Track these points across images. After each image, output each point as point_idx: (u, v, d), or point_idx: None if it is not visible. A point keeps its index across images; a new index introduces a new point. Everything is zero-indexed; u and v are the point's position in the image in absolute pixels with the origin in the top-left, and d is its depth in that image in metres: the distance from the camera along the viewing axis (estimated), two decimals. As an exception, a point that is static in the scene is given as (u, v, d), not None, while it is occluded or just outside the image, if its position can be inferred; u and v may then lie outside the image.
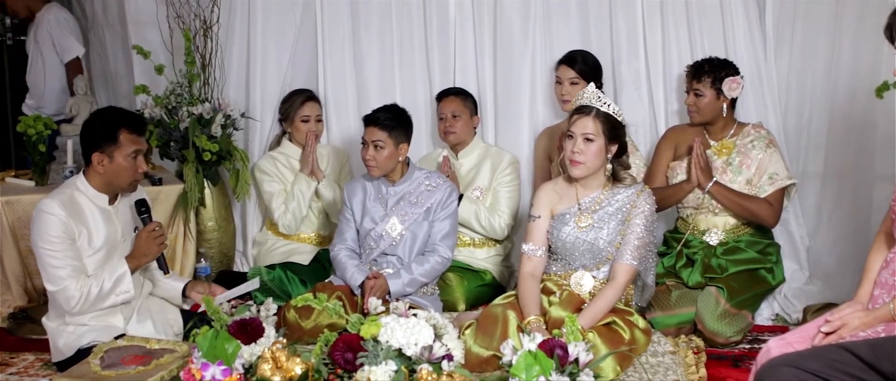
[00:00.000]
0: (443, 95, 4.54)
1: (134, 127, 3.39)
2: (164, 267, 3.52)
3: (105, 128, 3.37)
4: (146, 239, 3.43)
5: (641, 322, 3.55)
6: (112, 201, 3.47)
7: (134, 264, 3.42)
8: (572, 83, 4.27)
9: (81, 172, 3.47)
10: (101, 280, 3.34)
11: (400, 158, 3.97)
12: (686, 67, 4.17)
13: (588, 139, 3.46)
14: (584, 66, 4.28)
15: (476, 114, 4.58)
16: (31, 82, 5.65)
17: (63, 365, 3.39)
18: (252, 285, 3.68)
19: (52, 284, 3.33)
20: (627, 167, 3.61)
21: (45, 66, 5.55)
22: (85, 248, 3.36)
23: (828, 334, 2.61)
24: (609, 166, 3.53)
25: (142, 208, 3.48)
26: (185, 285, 3.66)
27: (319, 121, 4.66)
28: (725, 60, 4.10)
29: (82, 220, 3.37)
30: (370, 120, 3.93)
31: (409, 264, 3.96)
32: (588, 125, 3.45)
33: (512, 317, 3.45)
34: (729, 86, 4.02)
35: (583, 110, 3.48)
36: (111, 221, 3.44)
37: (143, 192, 3.61)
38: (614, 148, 3.50)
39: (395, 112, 3.97)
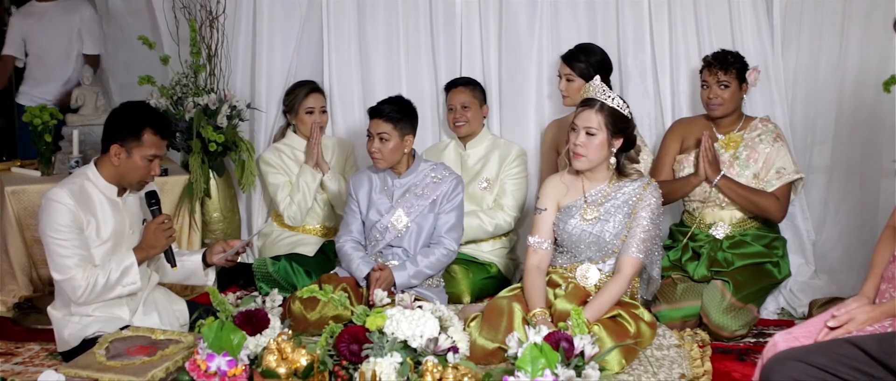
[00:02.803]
0: (451, 86, 4.53)
1: (160, 130, 3.37)
2: (171, 260, 3.50)
3: (132, 122, 3.35)
4: (155, 231, 3.41)
5: (647, 316, 3.55)
6: (121, 193, 3.46)
7: (141, 255, 3.41)
8: (568, 80, 4.26)
9: (93, 162, 3.45)
10: (108, 271, 3.33)
11: (405, 150, 3.96)
12: (705, 59, 4.12)
13: (590, 133, 3.45)
14: (584, 66, 4.23)
15: (485, 103, 4.57)
16: (33, 69, 5.67)
17: (68, 355, 3.39)
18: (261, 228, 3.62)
19: (58, 273, 3.33)
20: (635, 161, 3.60)
21: (54, 54, 5.56)
22: (93, 238, 3.36)
23: (834, 328, 2.61)
24: (613, 160, 3.52)
25: (152, 200, 3.47)
26: (203, 256, 3.62)
27: (324, 112, 4.65)
28: (739, 52, 4.10)
29: (91, 210, 3.36)
30: (375, 112, 3.92)
31: (414, 256, 3.96)
32: (591, 119, 3.45)
33: (517, 309, 3.45)
34: (753, 76, 4.02)
35: (587, 103, 3.48)
36: (119, 212, 3.44)
37: (154, 184, 3.60)
38: (619, 142, 3.49)
39: (399, 104, 3.96)
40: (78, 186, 3.36)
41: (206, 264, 3.61)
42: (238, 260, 3.69)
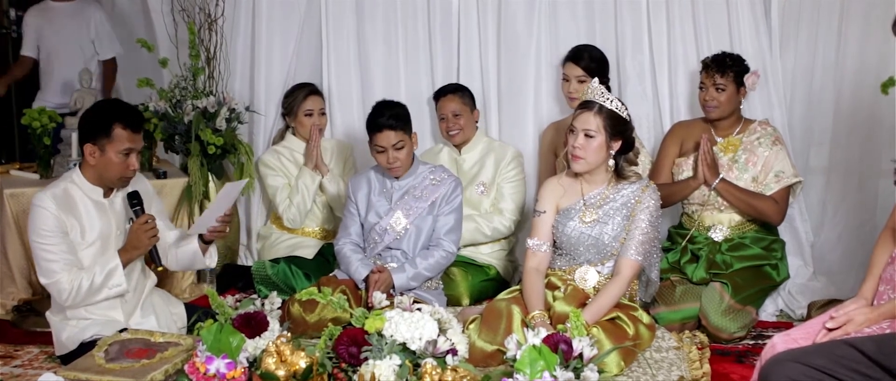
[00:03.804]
0: (440, 94, 4.50)
1: (130, 123, 3.35)
2: (156, 260, 3.48)
3: (100, 120, 3.34)
4: (137, 232, 3.39)
5: (645, 318, 3.55)
6: (107, 194, 3.45)
7: (126, 257, 3.40)
8: (580, 81, 4.24)
9: (77, 165, 3.46)
10: (93, 274, 3.33)
11: (415, 148, 3.96)
12: (704, 61, 4.11)
13: (588, 135, 3.45)
14: (590, 62, 4.25)
15: (476, 108, 4.56)
16: (45, 75, 5.63)
17: (67, 358, 3.39)
18: (238, 185, 3.59)
19: (44, 276, 3.34)
20: (634, 164, 3.60)
21: (65, 59, 5.53)
22: (78, 241, 3.35)
23: (832, 330, 2.61)
24: (611, 162, 3.52)
25: (134, 200, 3.44)
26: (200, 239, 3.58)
27: (323, 115, 4.65)
28: (739, 55, 4.10)
29: (75, 213, 3.36)
30: (382, 126, 3.84)
31: (413, 258, 3.96)
32: (590, 121, 3.44)
33: (516, 312, 3.45)
34: (751, 80, 4.02)
35: (586, 106, 3.48)
36: (105, 214, 3.43)
37: (140, 183, 3.57)
38: (617, 144, 3.49)
39: (396, 108, 3.94)
40: (61, 190, 3.36)
41: (205, 242, 3.57)
42: (235, 261, 3.67)
